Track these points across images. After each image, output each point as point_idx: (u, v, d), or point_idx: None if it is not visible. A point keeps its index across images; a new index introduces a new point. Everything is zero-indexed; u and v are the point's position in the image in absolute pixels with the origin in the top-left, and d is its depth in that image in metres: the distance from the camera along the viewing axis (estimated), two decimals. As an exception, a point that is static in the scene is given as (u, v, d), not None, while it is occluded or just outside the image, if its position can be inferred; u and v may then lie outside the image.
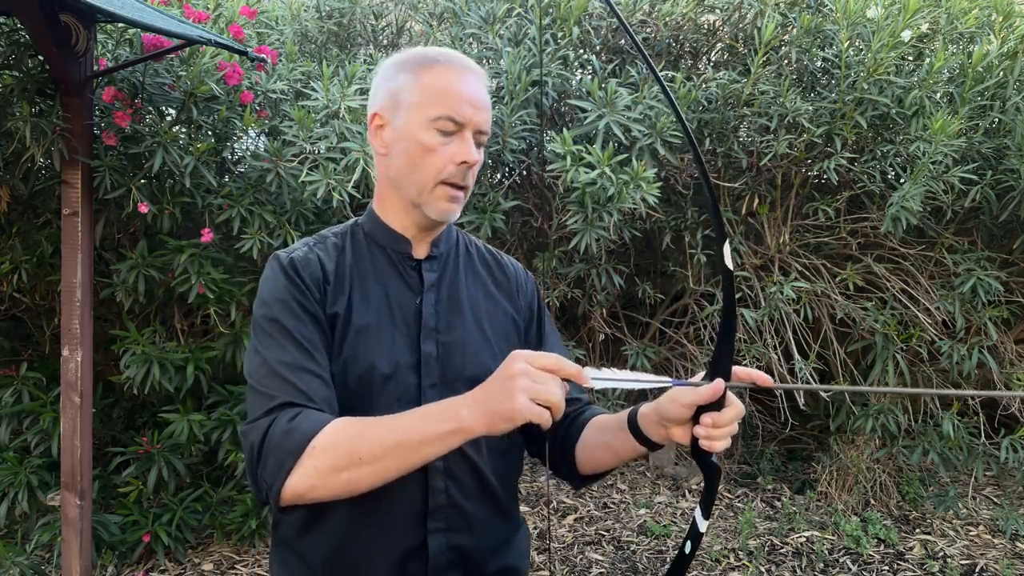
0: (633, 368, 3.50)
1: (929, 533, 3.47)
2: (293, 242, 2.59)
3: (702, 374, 1.00)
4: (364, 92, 2.70)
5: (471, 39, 3.06)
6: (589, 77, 3.03)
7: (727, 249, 0.95)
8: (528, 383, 0.87)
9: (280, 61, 2.95)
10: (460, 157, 1.07)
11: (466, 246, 1.26)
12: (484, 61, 3.00)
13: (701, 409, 0.97)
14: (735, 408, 0.98)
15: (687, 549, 1.02)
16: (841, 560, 3.18)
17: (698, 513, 1.00)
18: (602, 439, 1.15)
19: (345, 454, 0.94)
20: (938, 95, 3.00)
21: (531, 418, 0.86)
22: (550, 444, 1.24)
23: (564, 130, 2.72)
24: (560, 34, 2.94)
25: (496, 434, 0.90)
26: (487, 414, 0.89)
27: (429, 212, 1.11)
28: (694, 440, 0.99)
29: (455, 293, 1.18)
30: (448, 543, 1.10)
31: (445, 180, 1.08)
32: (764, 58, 2.86)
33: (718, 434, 0.96)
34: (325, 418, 0.97)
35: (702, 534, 1.00)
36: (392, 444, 0.93)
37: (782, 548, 3.27)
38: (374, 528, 1.08)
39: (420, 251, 1.18)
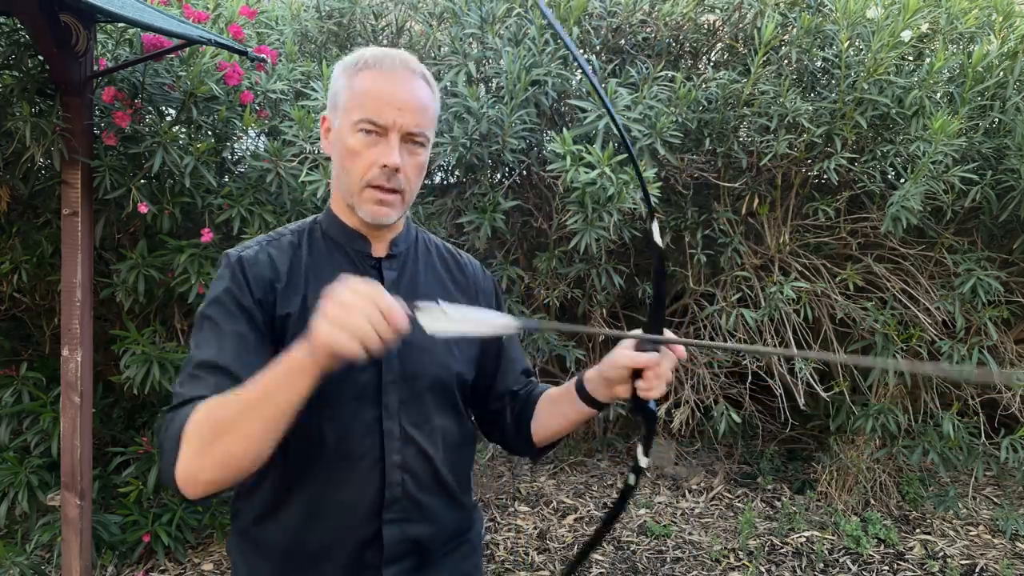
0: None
1: (929, 533, 3.47)
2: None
3: (638, 331, 1.10)
4: (364, 92, 2.69)
5: (471, 39, 3.06)
6: (589, 77, 3.03)
7: (655, 226, 1.07)
8: (333, 311, 0.85)
9: (280, 61, 2.95)
10: (382, 160, 1.07)
11: (425, 244, 1.28)
12: (484, 61, 3.00)
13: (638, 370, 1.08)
14: (669, 358, 1.08)
15: (631, 481, 1.13)
16: (841, 560, 3.18)
17: (639, 451, 1.11)
18: (555, 410, 1.23)
19: (209, 427, 0.93)
20: (938, 95, 2.99)
21: (334, 347, 0.84)
22: (505, 426, 1.31)
23: (564, 130, 2.72)
24: (560, 34, 2.94)
25: (327, 367, 0.88)
26: (308, 346, 0.88)
27: (362, 214, 1.12)
28: (633, 391, 1.09)
29: (414, 292, 1.19)
30: (403, 533, 1.14)
31: (371, 183, 1.09)
32: (764, 58, 2.86)
33: (655, 383, 1.07)
34: (200, 403, 0.97)
35: (643, 468, 1.10)
36: (244, 403, 0.92)
37: (782, 548, 3.27)
38: (330, 520, 1.11)
39: (379, 249, 1.19)
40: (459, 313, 0.94)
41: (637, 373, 1.08)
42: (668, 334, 1.10)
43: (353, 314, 0.84)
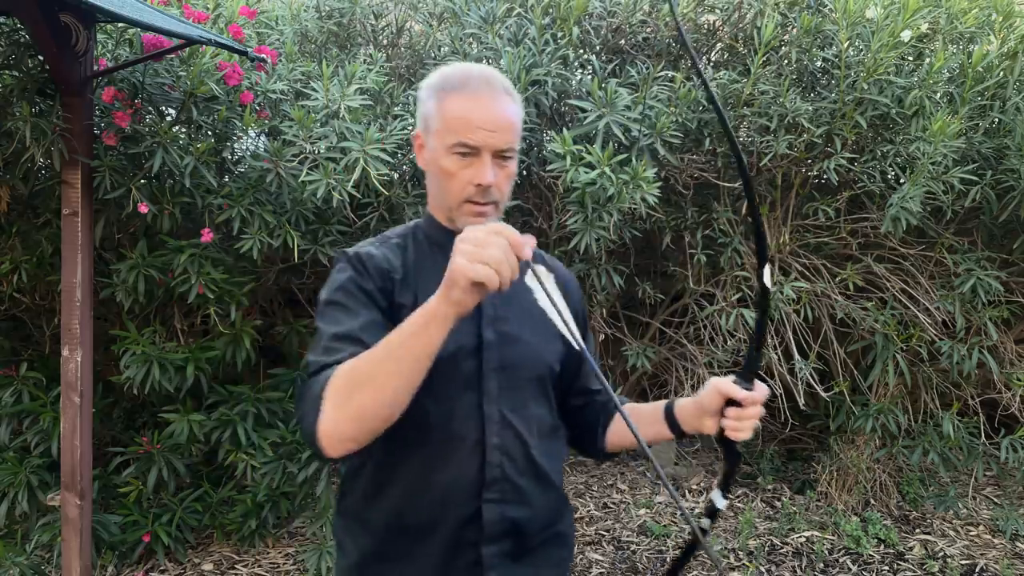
0: (633, 368, 3.51)
1: (929, 533, 3.47)
2: (293, 242, 2.61)
3: (732, 377, 1.21)
4: (364, 92, 2.69)
5: (471, 39, 3.06)
6: (589, 77, 3.03)
7: (767, 271, 1.16)
8: (467, 247, 0.92)
9: (280, 61, 2.94)
10: (476, 180, 1.16)
11: None
12: (484, 61, 2.99)
13: (728, 403, 1.18)
14: (759, 402, 1.18)
15: (704, 524, 1.21)
16: (841, 560, 3.19)
17: (716, 494, 1.20)
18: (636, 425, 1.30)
19: (349, 382, 1.00)
20: (938, 95, 2.99)
21: (472, 276, 0.90)
22: (583, 424, 1.40)
23: (564, 130, 2.72)
24: (560, 34, 2.94)
25: (461, 307, 0.94)
26: (442, 288, 0.95)
27: (461, 226, 1.19)
28: (720, 430, 1.20)
29: (510, 289, 1.23)
30: (502, 514, 1.21)
31: (467, 200, 1.18)
32: (764, 58, 2.86)
33: (744, 425, 1.18)
34: (340, 365, 1.03)
35: (719, 510, 1.18)
36: (381, 355, 0.99)
37: (782, 548, 3.27)
38: (434, 498, 1.19)
39: None
40: (557, 297, 1.01)
41: (727, 408, 1.19)
42: (758, 384, 1.19)
43: (488, 246, 0.91)
